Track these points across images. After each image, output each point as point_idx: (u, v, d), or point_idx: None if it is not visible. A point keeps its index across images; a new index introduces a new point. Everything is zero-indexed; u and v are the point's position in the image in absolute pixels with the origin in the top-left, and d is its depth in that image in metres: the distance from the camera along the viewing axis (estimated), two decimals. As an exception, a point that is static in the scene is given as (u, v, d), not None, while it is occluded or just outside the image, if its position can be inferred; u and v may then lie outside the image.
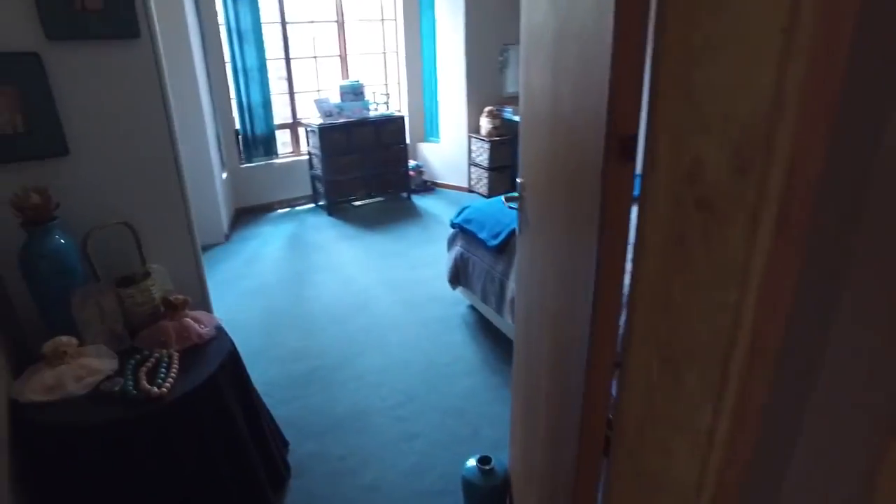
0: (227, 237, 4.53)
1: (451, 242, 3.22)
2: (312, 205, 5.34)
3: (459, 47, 5.14)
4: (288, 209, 5.27)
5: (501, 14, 5.24)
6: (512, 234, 2.65)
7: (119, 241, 1.74)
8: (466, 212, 3.09)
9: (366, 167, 5.11)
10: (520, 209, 1.60)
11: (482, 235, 2.86)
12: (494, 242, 2.76)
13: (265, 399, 2.09)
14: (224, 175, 4.76)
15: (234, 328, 2.09)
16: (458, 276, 3.12)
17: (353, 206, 5.24)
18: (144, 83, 1.72)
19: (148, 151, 1.78)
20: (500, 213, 2.87)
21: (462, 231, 3.07)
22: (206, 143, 4.16)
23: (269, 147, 5.06)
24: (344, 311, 3.30)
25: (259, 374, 2.52)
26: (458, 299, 3.36)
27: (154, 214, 1.83)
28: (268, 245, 4.41)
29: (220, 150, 4.70)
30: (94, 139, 1.69)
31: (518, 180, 1.58)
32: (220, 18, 4.59)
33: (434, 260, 3.98)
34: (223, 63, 4.72)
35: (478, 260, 2.92)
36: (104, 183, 1.73)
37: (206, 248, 4.29)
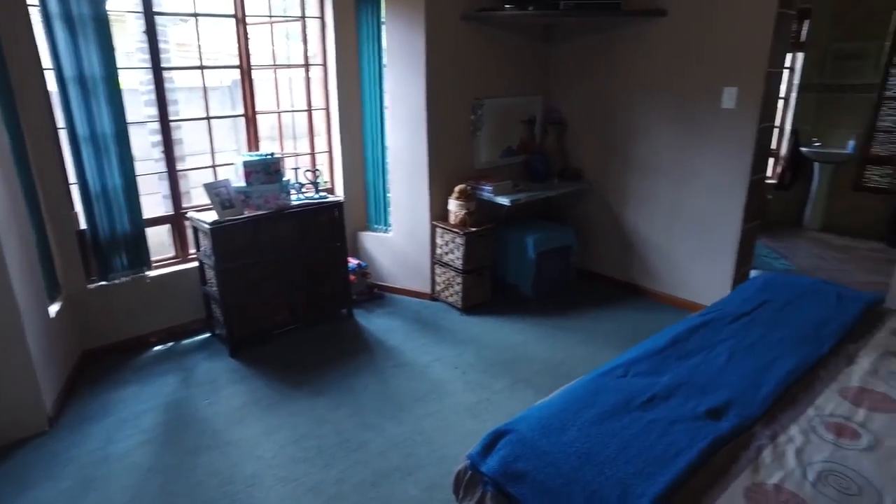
0: (53, 420, 2.70)
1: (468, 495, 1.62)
2: (208, 334, 3.58)
3: (417, 103, 3.67)
4: (171, 343, 3.48)
5: (473, 59, 3.84)
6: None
7: None
8: (514, 444, 1.50)
9: (287, 280, 3.46)
10: None
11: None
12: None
13: None
14: (55, 308, 2.95)
15: None
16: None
17: (269, 339, 3.52)
18: None
19: None
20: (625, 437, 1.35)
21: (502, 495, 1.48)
22: (2, 262, 2.38)
23: (136, 254, 3.31)
24: None
25: None
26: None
27: None
28: (124, 433, 2.63)
29: (44, 268, 2.91)
30: None
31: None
32: (45, 60, 2.88)
33: (412, 451, 2.37)
34: (51, 128, 2.99)
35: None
36: None
37: (5, 451, 2.46)
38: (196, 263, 3.50)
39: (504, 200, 3.72)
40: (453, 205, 3.75)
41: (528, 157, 4.27)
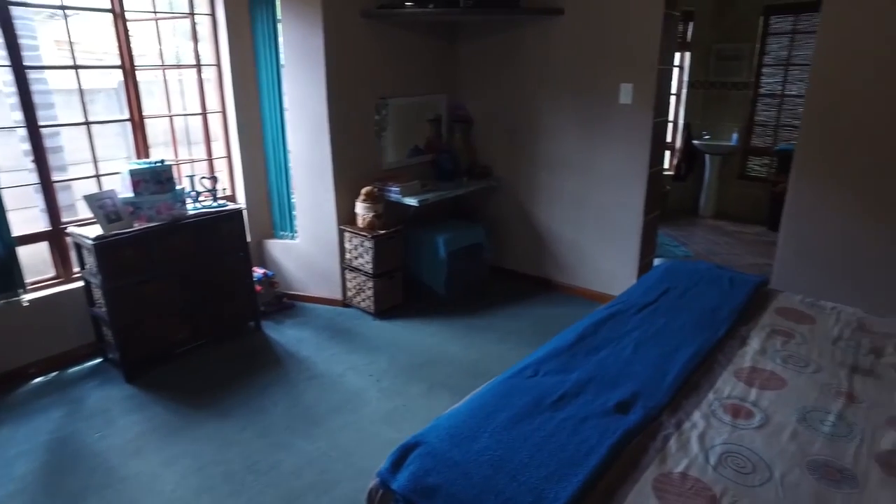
0: (-89, 472, 2.37)
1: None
2: (100, 359, 3.28)
3: (318, 104, 3.54)
4: (55, 373, 3.16)
5: (376, 58, 3.76)
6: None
7: None
8: (424, 458, 1.45)
9: (186, 295, 3.23)
10: None
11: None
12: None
13: None
14: None
15: None
16: None
17: (170, 360, 3.28)
18: None
19: None
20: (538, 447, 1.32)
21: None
22: None
23: (6, 276, 2.97)
24: None
25: None
26: None
27: None
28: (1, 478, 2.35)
29: None
30: None
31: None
32: None
33: (327, 467, 2.27)
34: None
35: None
36: None
37: None
38: (81, 283, 3.19)
39: (412, 201, 3.66)
40: (360, 207, 3.66)
41: (435, 156, 4.25)
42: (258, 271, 3.81)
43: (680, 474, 1.42)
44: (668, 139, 5.85)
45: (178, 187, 3.20)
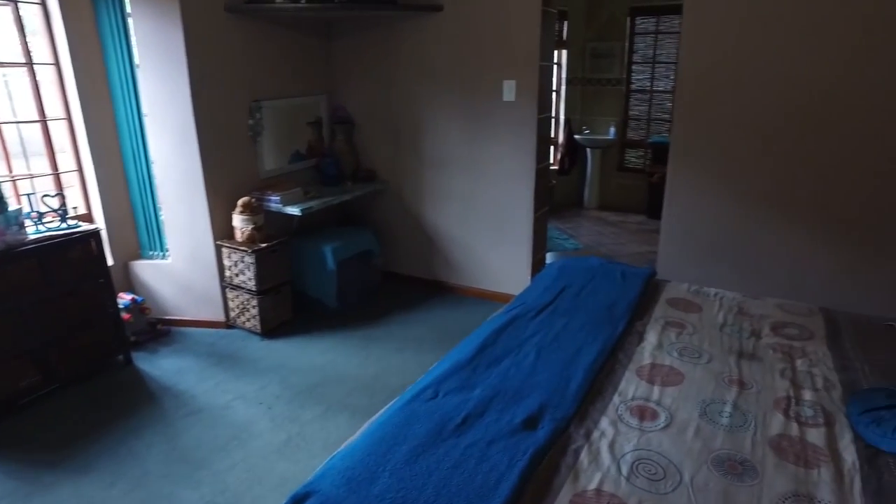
0: None
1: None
2: (-79, 417, 2.75)
3: (183, 108, 3.20)
4: None
5: (246, 57, 3.47)
6: None
7: None
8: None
9: (32, 333, 2.78)
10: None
11: None
12: None
13: None
14: None
15: None
16: None
17: (16, 412, 2.81)
18: None
19: None
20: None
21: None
22: None
23: None
24: None
25: None
26: None
27: None
28: None
29: None
30: None
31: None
32: None
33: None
34: None
35: None
36: None
37: None
38: None
39: (295, 210, 3.42)
40: (238, 220, 3.36)
41: (318, 161, 4.01)
42: (125, 297, 3.39)
43: (594, 491, 1.35)
44: (552, 135, 5.99)
45: (11, 209, 2.74)
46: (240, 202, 3.34)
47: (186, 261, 3.52)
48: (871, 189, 2.91)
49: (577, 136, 6.34)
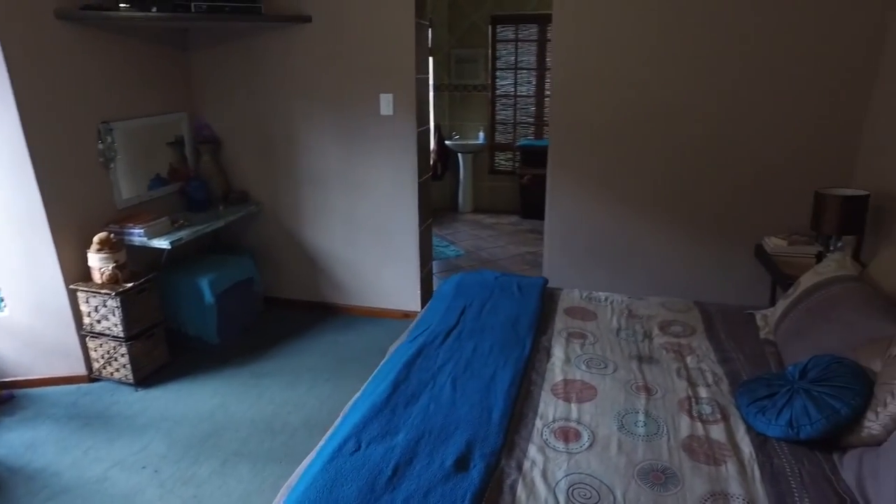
0: None
1: None
2: None
3: (11, 133, 2.74)
4: None
5: (89, 72, 3.06)
6: None
7: None
8: None
9: None
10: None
11: None
12: None
13: None
14: None
15: None
16: None
17: None
18: None
19: None
20: None
21: None
22: None
23: None
24: None
25: None
26: None
27: None
28: None
29: None
30: None
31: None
32: None
33: None
34: None
35: None
36: None
37: None
38: None
39: (162, 243, 3.09)
40: (95, 259, 2.96)
41: (183, 185, 3.66)
42: (-49, 361, 2.85)
43: (538, 529, 1.33)
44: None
45: None
46: (96, 239, 2.95)
47: (31, 312, 3.03)
48: (723, 190, 3.23)
49: (447, 142, 6.42)
